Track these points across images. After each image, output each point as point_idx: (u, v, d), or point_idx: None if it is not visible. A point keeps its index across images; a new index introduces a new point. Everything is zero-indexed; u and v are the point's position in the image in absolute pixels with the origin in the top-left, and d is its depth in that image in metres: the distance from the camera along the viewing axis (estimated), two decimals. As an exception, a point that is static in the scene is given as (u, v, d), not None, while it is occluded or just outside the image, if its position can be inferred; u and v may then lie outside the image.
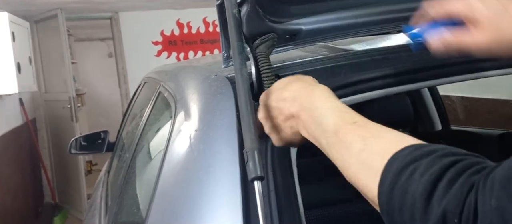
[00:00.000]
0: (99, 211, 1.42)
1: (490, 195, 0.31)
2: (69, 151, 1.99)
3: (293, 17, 0.73)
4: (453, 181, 0.34)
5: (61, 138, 3.89)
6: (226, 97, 0.67)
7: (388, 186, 0.38)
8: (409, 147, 0.39)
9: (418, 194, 0.35)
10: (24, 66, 3.20)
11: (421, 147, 0.39)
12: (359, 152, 0.42)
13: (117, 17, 4.37)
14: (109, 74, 6.40)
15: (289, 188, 0.59)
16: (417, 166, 0.36)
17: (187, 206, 0.59)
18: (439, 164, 0.35)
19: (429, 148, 0.38)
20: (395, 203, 0.37)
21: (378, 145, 0.41)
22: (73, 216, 3.97)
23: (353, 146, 0.43)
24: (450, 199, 0.33)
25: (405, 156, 0.38)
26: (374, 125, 0.45)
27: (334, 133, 0.45)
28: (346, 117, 0.46)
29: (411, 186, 0.36)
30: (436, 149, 0.38)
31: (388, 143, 0.40)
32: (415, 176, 0.36)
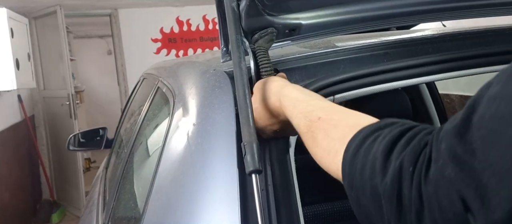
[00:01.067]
0: (97, 207, 1.41)
1: (442, 141, 0.34)
2: (67, 147, 1.99)
3: (293, 11, 0.73)
4: (412, 139, 0.38)
5: (60, 135, 3.88)
6: (224, 91, 0.67)
7: (351, 152, 0.42)
8: (373, 123, 0.43)
9: (379, 153, 0.39)
10: (23, 62, 3.19)
11: (383, 120, 0.43)
12: (321, 141, 0.48)
13: (117, 14, 4.36)
14: (108, 71, 6.39)
15: (287, 182, 0.59)
16: (379, 134, 0.41)
17: (185, 200, 0.59)
18: (399, 129, 0.40)
19: (390, 120, 0.43)
20: (357, 165, 0.41)
21: (337, 132, 0.46)
22: (71, 213, 3.97)
23: (317, 138, 0.49)
24: (407, 153, 0.37)
25: (368, 128, 0.43)
26: (338, 114, 0.50)
27: (305, 133, 0.51)
28: (312, 116, 0.51)
29: (373, 148, 0.40)
30: (397, 121, 0.42)
31: (348, 129, 0.45)
32: (378, 140, 0.40)
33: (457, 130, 0.33)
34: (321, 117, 0.49)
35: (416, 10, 0.82)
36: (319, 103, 0.53)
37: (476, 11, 0.87)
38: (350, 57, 0.81)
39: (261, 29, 0.70)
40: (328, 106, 0.52)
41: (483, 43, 0.84)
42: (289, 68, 0.75)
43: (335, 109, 0.51)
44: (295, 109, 0.54)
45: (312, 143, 0.49)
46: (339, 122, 0.47)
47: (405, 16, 0.84)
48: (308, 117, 0.51)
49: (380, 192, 0.38)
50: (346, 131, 0.44)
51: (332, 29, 0.81)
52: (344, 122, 0.47)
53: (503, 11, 0.92)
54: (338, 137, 0.45)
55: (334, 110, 0.51)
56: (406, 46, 0.89)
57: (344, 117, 0.48)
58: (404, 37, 1.00)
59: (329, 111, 0.50)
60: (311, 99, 0.55)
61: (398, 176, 0.36)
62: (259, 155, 0.51)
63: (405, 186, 0.36)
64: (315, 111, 0.51)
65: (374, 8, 0.78)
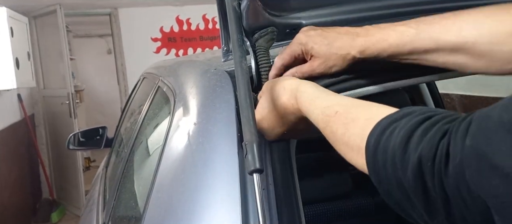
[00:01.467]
0: (97, 206, 1.41)
1: (462, 136, 0.33)
2: (67, 146, 1.98)
3: (293, 10, 0.73)
4: (428, 130, 0.37)
5: (60, 134, 3.88)
6: (226, 90, 0.67)
7: (372, 148, 0.42)
8: (390, 114, 0.43)
9: (397, 146, 0.38)
10: (23, 61, 3.19)
11: (400, 111, 0.42)
12: (342, 136, 0.48)
13: (116, 13, 4.36)
14: (108, 70, 6.39)
15: (288, 181, 0.58)
16: (396, 126, 0.40)
17: (185, 200, 0.59)
18: (416, 119, 0.39)
19: (407, 110, 0.42)
20: (379, 161, 0.40)
21: (356, 126, 0.46)
22: (70, 212, 3.97)
23: (337, 132, 0.49)
24: (425, 145, 0.36)
25: (386, 120, 0.42)
26: (356, 107, 0.49)
27: (324, 127, 0.51)
28: (329, 111, 0.51)
29: (391, 142, 0.39)
30: (414, 110, 0.41)
31: (366, 122, 0.44)
32: (395, 133, 0.39)
33: (485, 121, 0.32)
34: (338, 111, 0.49)
35: (418, 9, 0.82)
36: (336, 98, 0.53)
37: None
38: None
39: (262, 28, 0.70)
40: (345, 101, 0.52)
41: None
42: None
43: (352, 102, 0.51)
44: (312, 105, 0.54)
45: (333, 138, 0.49)
46: (357, 116, 0.47)
47: (407, 16, 0.84)
48: (326, 112, 0.51)
49: (406, 186, 0.37)
50: (365, 125, 0.44)
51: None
52: (362, 115, 0.46)
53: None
54: (358, 131, 0.45)
55: (351, 104, 0.50)
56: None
57: (361, 110, 0.48)
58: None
59: (346, 105, 0.50)
60: (328, 94, 0.55)
61: (419, 170, 0.36)
62: (260, 155, 0.51)
63: (428, 179, 0.35)
64: (332, 105, 0.51)
65: (375, 8, 0.77)
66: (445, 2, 0.82)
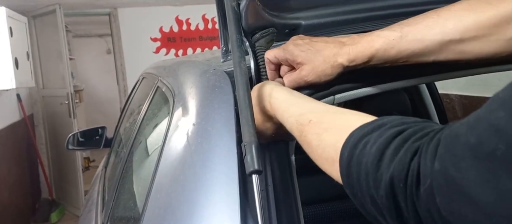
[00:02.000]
0: (96, 206, 1.41)
1: (432, 158, 0.32)
2: (67, 146, 1.98)
3: (293, 11, 0.72)
4: (399, 148, 0.36)
5: (59, 134, 3.88)
6: (225, 91, 0.67)
7: (345, 161, 0.41)
8: (362, 125, 0.42)
9: (369, 164, 0.38)
10: (22, 61, 3.18)
11: (372, 122, 0.41)
12: (316, 148, 0.47)
13: (116, 13, 4.36)
14: (107, 70, 6.39)
15: (287, 182, 0.58)
16: (368, 140, 0.39)
17: (184, 200, 0.59)
18: (387, 134, 0.38)
19: (379, 122, 0.41)
20: (353, 175, 0.40)
21: (329, 137, 0.45)
22: (70, 212, 3.96)
23: (312, 144, 0.48)
24: (396, 164, 0.35)
25: (358, 132, 0.41)
26: (328, 115, 0.49)
27: (299, 136, 0.50)
28: (302, 120, 0.50)
29: (364, 157, 0.39)
30: (385, 122, 0.40)
31: (339, 132, 0.44)
32: (367, 148, 0.39)
33: (451, 143, 0.31)
34: (312, 120, 0.49)
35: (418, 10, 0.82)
36: (309, 105, 0.53)
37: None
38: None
39: (262, 28, 0.70)
40: (319, 108, 0.51)
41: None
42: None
43: (326, 110, 0.50)
44: (286, 112, 0.53)
45: (307, 148, 0.49)
46: (329, 125, 0.47)
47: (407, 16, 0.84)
48: (299, 121, 0.50)
49: (379, 203, 0.37)
50: (338, 136, 0.43)
51: (332, 29, 0.81)
52: (335, 125, 0.46)
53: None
54: (331, 142, 0.44)
55: (324, 112, 0.50)
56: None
57: (334, 118, 0.48)
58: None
59: (319, 113, 0.50)
60: (302, 101, 0.54)
61: (391, 190, 0.35)
62: (259, 156, 0.51)
63: (401, 200, 0.35)
64: (306, 113, 0.50)
65: (375, 8, 0.77)
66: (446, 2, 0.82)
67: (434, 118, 1.91)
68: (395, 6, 0.79)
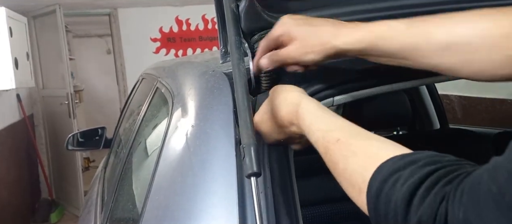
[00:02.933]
0: (95, 207, 1.41)
1: (458, 206, 0.32)
2: (66, 147, 1.98)
3: (292, 12, 0.72)
4: (429, 190, 0.35)
5: (59, 134, 3.88)
6: (223, 92, 0.67)
7: (374, 194, 0.40)
8: (393, 157, 0.40)
9: (399, 202, 0.37)
10: (22, 61, 3.18)
11: (405, 157, 0.40)
12: (343, 171, 0.45)
13: (116, 13, 4.36)
14: (107, 70, 6.39)
15: (286, 185, 0.58)
16: (399, 176, 0.38)
17: (183, 202, 0.58)
18: (419, 174, 0.37)
19: (411, 158, 0.39)
20: (381, 211, 0.39)
21: (357, 163, 0.44)
22: (69, 212, 3.96)
23: (338, 166, 0.46)
24: (425, 208, 0.35)
25: (389, 166, 0.40)
26: (357, 138, 0.47)
27: (324, 153, 0.49)
28: (330, 137, 0.49)
29: (394, 195, 0.38)
30: (419, 158, 0.39)
31: (367, 159, 0.43)
32: (398, 185, 0.38)
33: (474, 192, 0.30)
34: (340, 139, 0.47)
35: (420, 11, 0.81)
36: (337, 122, 0.51)
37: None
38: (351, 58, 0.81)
39: (261, 30, 0.69)
40: (347, 126, 0.50)
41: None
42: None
43: (354, 131, 0.48)
44: (313, 125, 0.52)
45: (332, 168, 0.47)
46: (358, 149, 0.45)
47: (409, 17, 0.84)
48: (326, 138, 0.49)
49: None
50: (366, 164, 0.42)
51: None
52: (364, 151, 0.44)
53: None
54: (359, 170, 0.43)
55: (353, 133, 0.48)
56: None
57: (363, 143, 0.46)
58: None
59: (347, 133, 0.48)
60: (330, 116, 0.52)
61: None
62: (257, 158, 0.51)
63: None
64: (334, 130, 0.49)
65: (376, 9, 0.77)
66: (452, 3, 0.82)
67: (433, 118, 1.91)
68: (397, 8, 0.79)
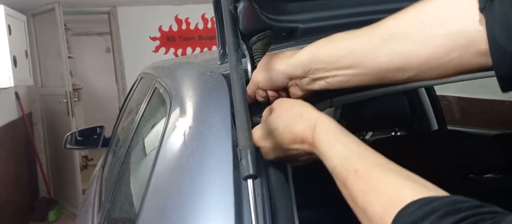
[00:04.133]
0: (93, 207, 1.41)
1: None
2: (65, 145, 1.98)
3: (290, 14, 0.72)
4: None
5: (57, 132, 3.87)
6: (221, 94, 0.67)
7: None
8: (412, 204, 0.39)
9: None
10: (20, 60, 3.18)
11: (423, 206, 0.38)
12: (363, 208, 0.44)
13: (115, 12, 4.35)
14: (106, 69, 6.38)
15: (283, 187, 0.58)
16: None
17: (180, 203, 0.58)
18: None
19: (430, 207, 0.38)
20: None
21: (377, 206, 0.42)
22: (68, 211, 3.96)
23: (357, 200, 0.45)
24: None
25: (408, 215, 0.38)
26: (377, 171, 0.45)
27: (342, 184, 0.47)
28: (348, 165, 0.47)
29: None
30: (438, 207, 0.37)
31: (388, 203, 0.41)
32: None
33: None
34: (358, 170, 0.45)
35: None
36: (356, 148, 0.49)
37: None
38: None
39: (259, 32, 0.69)
40: (366, 154, 0.47)
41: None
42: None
43: (374, 160, 0.46)
44: (330, 150, 0.50)
45: (351, 202, 0.46)
46: (378, 185, 0.43)
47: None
48: (345, 166, 0.47)
49: None
50: (387, 207, 0.41)
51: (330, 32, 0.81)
52: (384, 188, 0.43)
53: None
54: (379, 213, 0.41)
55: (373, 163, 0.46)
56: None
57: (383, 178, 0.44)
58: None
59: (367, 162, 0.46)
60: (349, 141, 0.50)
61: None
62: (254, 160, 0.51)
63: None
64: (352, 157, 0.47)
65: (372, 12, 0.77)
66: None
67: (431, 119, 1.91)
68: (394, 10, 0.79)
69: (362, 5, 0.76)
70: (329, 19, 0.74)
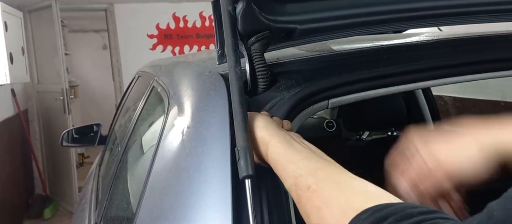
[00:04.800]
0: (89, 205, 1.41)
1: None
2: (61, 143, 1.98)
3: (289, 15, 0.72)
4: None
5: (53, 130, 3.86)
6: (220, 94, 0.67)
7: None
8: (363, 213, 0.39)
9: None
10: (17, 56, 3.17)
11: (377, 211, 0.38)
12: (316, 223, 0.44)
13: (112, 9, 4.34)
14: (103, 66, 6.36)
15: (281, 187, 0.59)
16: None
17: (177, 203, 0.59)
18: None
19: (384, 213, 0.38)
20: None
21: (332, 216, 0.42)
22: (63, 208, 3.95)
23: (311, 218, 0.45)
24: None
25: (362, 221, 0.38)
26: (328, 183, 0.45)
27: (298, 202, 0.48)
28: (301, 183, 0.47)
29: None
30: (391, 213, 0.37)
31: (339, 213, 0.41)
32: None
33: None
34: (311, 186, 0.46)
35: (414, 15, 0.82)
36: (308, 164, 0.49)
37: (472, 17, 0.87)
38: (346, 62, 0.81)
39: (257, 32, 0.70)
40: (318, 169, 0.48)
41: (477, 50, 0.85)
42: (284, 71, 0.75)
43: (326, 174, 0.47)
44: (284, 171, 0.50)
45: (306, 219, 0.46)
46: (330, 199, 0.44)
47: (402, 21, 0.85)
48: (298, 185, 0.47)
49: None
50: (339, 218, 0.41)
51: (328, 34, 0.81)
52: (336, 201, 0.43)
53: (499, 18, 0.92)
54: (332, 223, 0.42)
55: (324, 177, 0.46)
56: (402, 51, 0.90)
57: (335, 191, 0.44)
58: (400, 43, 1.00)
59: (319, 178, 0.46)
60: (301, 157, 0.50)
61: None
62: (252, 161, 0.51)
63: None
64: (305, 176, 0.47)
65: (371, 13, 0.78)
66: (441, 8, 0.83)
67: (428, 120, 1.92)
68: (392, 11, 0.80)
69: (360, 7, 0.76)
70: (327, 21, 0.75)
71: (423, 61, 0.78)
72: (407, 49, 0.92)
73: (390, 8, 0.79)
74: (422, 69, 0.77)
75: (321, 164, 0.49)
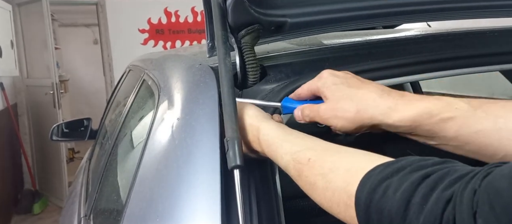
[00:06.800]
0: (79, 198, 1.40)
1: (469, 212, 0.30)
2: (51, 137, 1.96)
3: (279, 8, 0.73)
4: (427, 196, 0.34)
5: (43, 124, 3.82)
6: (209, 86, 0.67)
7: (363, 207, 0.38)
8: (378, 166, 0.39)
9: (394, 213, 0.35)
10: (6, 50, 3.13)
11: (390, 165, 0.39)
12: (323, 191, 0.43)
13: (103, 3, 4.30)
14: (93, 61, 6.31)
15: (269, 177, 0.59)
16: (389, 184, 0.37)
17: (167, 194, 0.59)
18: (410, 179, 0.36)
19: (397, 165, 0.38)
20: (374, 222, 0.37)
21: (339, 180, 0.42)
22: (53, 203, 3.92)
23: (317, 186, 0.44)
24: (427, 216, 0.33)
25: (375, 175, 0.38)
26: (329, 154, 0.45)
27: (298, 176, 0.47)
28: (300, 157, 0.47)
29: (386, 204, 0.36)
30: (404, 165, 0.38)
31: (349, 174, 0.41)
32: (389, 193, 0.36)
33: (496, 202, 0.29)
34: (311, 158, 0.45)
35: (403, 10, 0.83)
36: (305, 142, 0.49)
37: (462, 13, 0.89)
38: (335, 55, 0.82)
39: (248, 25, 0.70)
40: (315, 144, 0.48)
41: (466, 45, 0.86)
42: (274, 64, 0.75)
43: (323, 147, 0.47)
44: (279, 150, 0.50)
45: (310, 190, 0.45)
46: (334, 165, 0.43)
47: (392, 16, 0.86)
48: (297, 159, 0.47)
49: None
50: (349, 178, 0.40)
51: (318, 28, 0.82)
52: (342, 165, 0.43)
53: (487, 14, 0.94)
54: (342, 185, 0.41)
55: (324, 150, 0.46)
56: (391, 46, 0.91)
57: (337, 158, 0.44)
58: (389, 37, 1.01)
59: (318, 151, 0.46)
60: (295, 137, 0.51)
61: None
62: (241, 151, 0.52)
63: None
64: (303, 150, 0.47)
65: (360, 7, 0.78)
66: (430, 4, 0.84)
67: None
68: (382, 6, 0.80)
69: (350, 1, 0.77)
70: (317, 14, 0.75)
71: (412, 55, 0.79)
72: (396, 43, 0.93)
73: (380, 3, 0.80)
74: (410, 63, 0.78)
75: (317, 140, 0.49)
